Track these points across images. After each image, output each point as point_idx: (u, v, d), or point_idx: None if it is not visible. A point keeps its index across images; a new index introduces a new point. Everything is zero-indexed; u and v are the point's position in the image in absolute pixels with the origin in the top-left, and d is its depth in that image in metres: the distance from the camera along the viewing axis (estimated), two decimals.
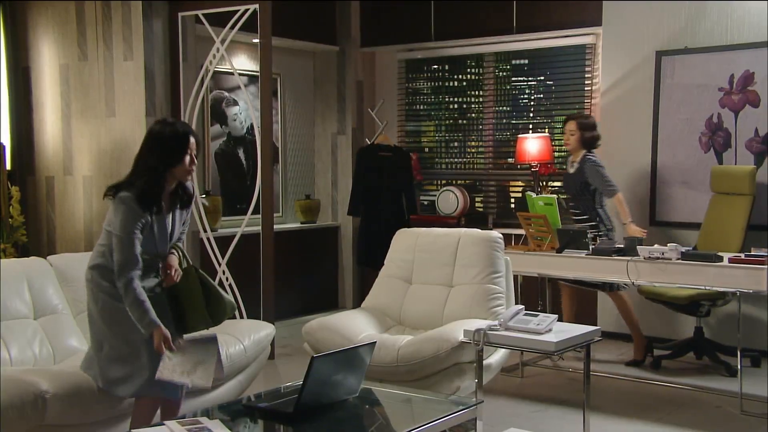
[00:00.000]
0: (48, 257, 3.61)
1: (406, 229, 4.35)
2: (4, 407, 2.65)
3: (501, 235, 4.02)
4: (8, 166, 5.22)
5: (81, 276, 3.56)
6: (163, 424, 2.44)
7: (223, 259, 4.90)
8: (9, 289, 3.27)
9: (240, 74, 5.15)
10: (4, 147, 5.13)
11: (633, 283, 4.05)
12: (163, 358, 2.76)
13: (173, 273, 2.91)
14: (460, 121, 6.41)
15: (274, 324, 4.06)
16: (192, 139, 2.85)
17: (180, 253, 3.00)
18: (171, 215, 2.90)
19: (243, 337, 3.61)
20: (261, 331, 3.74)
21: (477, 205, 6.30)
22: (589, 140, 4.73)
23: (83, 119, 5.19)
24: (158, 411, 2.96)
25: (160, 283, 2.93)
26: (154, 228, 2.83)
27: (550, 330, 3.23)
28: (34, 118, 5.38)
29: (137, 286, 2.75)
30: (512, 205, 6.16)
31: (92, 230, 5.21)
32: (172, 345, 2.78)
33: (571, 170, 4.78)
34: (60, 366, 3.17)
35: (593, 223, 4.66)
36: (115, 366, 2.83)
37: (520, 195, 6.09)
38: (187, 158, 2.83)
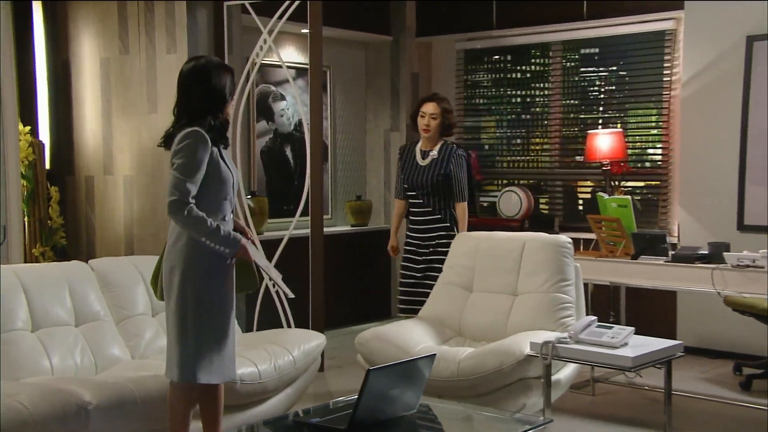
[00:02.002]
0: (89, 261, 3.70)
1: (466, 233, 4.34)
2: (45, 418, 2.73)
3: (570, 240, 3.97)
4: (47, 166, 5.37)
5: (123, 281, 3.66)
6: None
7: (269, 263, 4.94)
8: (50, 295, 3.36)
9: (288, 67, 5.21)
10: (43, 145, 5.28)
11: (719, 293, 3.94)
12: (273, 280, 3.01)
13: (248, 236, 3.06)
14: (523, 116, 6.35)
15: (323, 333, 4.08)
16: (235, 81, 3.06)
17: None
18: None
19: (292, 347, 3.64)
20: (311, 341, 3.77)
21: (542, 206, 6.23)
22: (450, 127, 4.42)
23: (124, 116, 5.31)
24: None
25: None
26: (227, 162, 2.95)
27: (626, 344, 3.18)
28: (74, 114, 5.53)
29: (201, 212, 2.84)
30: (580, 207, 6.09)
31: (133, 233, 5.32)
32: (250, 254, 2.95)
33: (424, 161, 4.37)
34: (102, 376, 3.24)
35: (446, 224, 4.36)
36: (194, 353, 2.88)
37: (589, 196, 6.02)
38: (233, 96, 3.01)
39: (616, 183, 5.59)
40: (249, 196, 5.51)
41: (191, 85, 2.93)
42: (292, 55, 6.10)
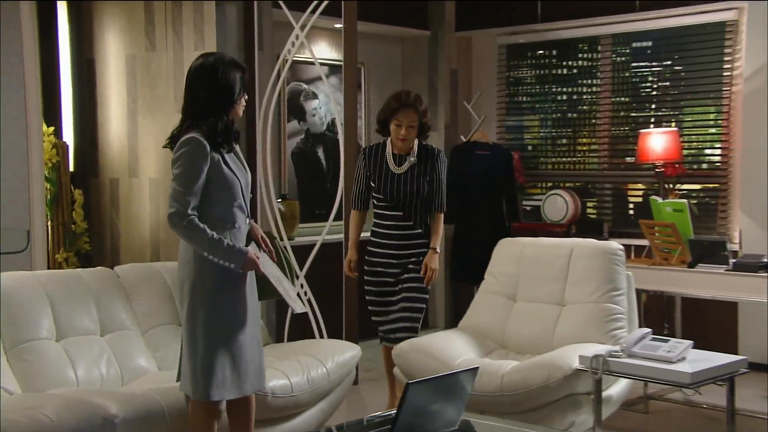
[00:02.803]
0: (115, 268, 3.74)
1: (509, 238, 4.31)
2: None
3: (621, 247, 3.93)
4: (71, 168, 5.46)
5: (150, 289, 3.70)
6: None
7: (301, 271, 4.97)
8: (76, 303, 3.41)
9: (320, 64, 5.23)
10: (67, 146, 5.36)
11: None
12: (285, 294, 3.01)
13: (266, 245, 3.08)
14: (569, 115, 6.31)
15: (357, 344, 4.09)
16: (245, 77, 3.02)
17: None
18: (236, 155, 3.04)
19: (326, 359, 3.65)
20: (345, 352, 3.77)
21: (589, 211, 6.18)
22: (428, 129, 4.02)
23: (150, 115, 5.37)
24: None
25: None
26: (231, 166, 2.95)
27: (683, 358, 3.14)
28: (99, 114, 5.61)
29: (202, 224, 2.86)
30: (631, 212, 6.04)
31: (159, 238, 5.38)
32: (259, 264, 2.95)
33: (400, 168, 3.97)
34: (129, 387, 3.28)
35: (426, 241, 4.02)
36: (206, 367, 2.92)
37: (640, 200, 5.97)
38: (244, 95, 3.00)
39: (671, 186, 5.52)
40: (279, 200, 5.53)
41: (197, 83, 2.94)
42: (325, 51, 6.13)
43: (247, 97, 3.02)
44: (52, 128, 5.20)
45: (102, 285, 3.56)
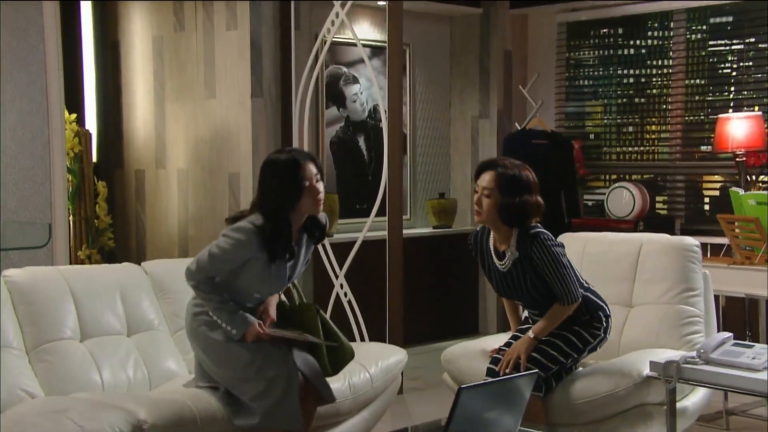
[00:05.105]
0: (142, 264, 3.80)
1: (570, 233, 4.30)
2: None
3: (697, 242, 3.88)
4: (94, 158, 5.56)
5: (179, 287, 3.73)
6: None
7: (340, 269, 4.99)
8: (101, 301, 3.46)
9: (362, 45, 5.25)
10: (90, 135, 5.46)
11: None
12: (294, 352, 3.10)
13: (264, 324, 3.14)
14: (636, 100, 6.28)
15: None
16: (308, 165, 3.08)
17: (294, 290, 3.31)
18: (296, 255, 3.17)
19: (369, 363, 3.65)
20: (390, 357, 3.78)
21: (659, 206, 6.14)
22: (518, 210, 3.30)
23: (178, 102, 5.45)
24: None
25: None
26: (273, 271, 3.10)
27: None
28: (123, 101, 5.71)
29: (213, 289, 3.09)
30: (707, 207, 6.00)
31: (187, 234, 5.45)
32: (266, 331, 3.08)
33: (502, 264, 3.39)
34: (158, 392, 3.32)
35: (571, 316, 3.39)
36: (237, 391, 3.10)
37: (717, 193, 5.93)
38: (308, 192, 3.07)
39: (753, 177, 5.44)
40: None
41: (262, 175, 3.13)
42: (367, 31, 6.15)
43: (315, 189, 3.06)
44: (74, 116, 5.29)
45: (129, 282, 3.61)
